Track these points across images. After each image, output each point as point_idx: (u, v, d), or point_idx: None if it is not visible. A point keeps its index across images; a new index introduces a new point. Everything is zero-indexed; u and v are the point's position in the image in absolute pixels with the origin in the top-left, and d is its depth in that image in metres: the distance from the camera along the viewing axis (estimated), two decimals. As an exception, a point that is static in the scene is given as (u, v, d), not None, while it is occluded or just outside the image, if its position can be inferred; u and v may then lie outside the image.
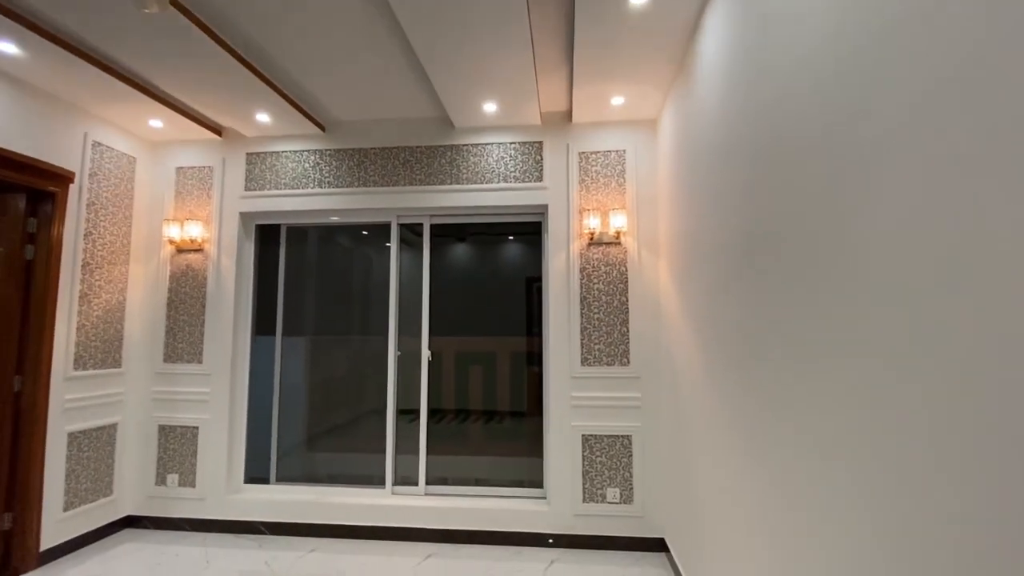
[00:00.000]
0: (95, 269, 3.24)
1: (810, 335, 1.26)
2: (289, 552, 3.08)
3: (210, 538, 3.28)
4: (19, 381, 2.87)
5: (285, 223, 3.75)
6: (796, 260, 1.33)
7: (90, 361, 3.20)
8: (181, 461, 3.45)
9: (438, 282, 3.71)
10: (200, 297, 3.55)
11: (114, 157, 3.38)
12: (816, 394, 1.23)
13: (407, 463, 3.48)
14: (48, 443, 2.92)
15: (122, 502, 3.40)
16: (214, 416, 3.44)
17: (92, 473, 3.20)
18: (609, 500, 3.14)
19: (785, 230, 1.40)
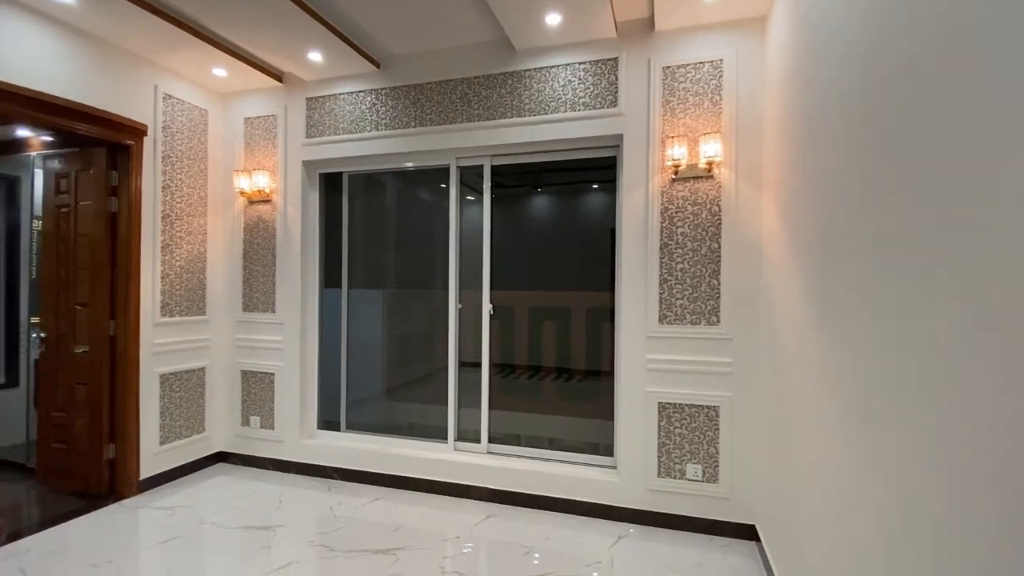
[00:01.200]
0: (175, 221, 3.37)
1: (1006, 280, 0.76)
2: (354, 499, 3.10)
3: (286, 479, 3.43)
4: (113, 326, 3.09)
5: (346, 170, 3.63)
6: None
7: (176, 309, 3.38)
8: (262, 404, 3.61)
9: (510, 233, 3.41)
10: (271, 248, 3.59)
11: (185, 110, 3.43)
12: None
13: (472, 417, 3.32)
14: (141, 383, 3.15)
15: (214, 439, 3.66)
16: (288, 364, 3.53)
17: (185, 412, 3.44)
18: (689, 477, 2.73)
19: (966, 112, 0.86)
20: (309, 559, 2.42)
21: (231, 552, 2.47)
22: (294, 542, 2.57)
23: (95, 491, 3.07)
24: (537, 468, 3.02)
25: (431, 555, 2.47)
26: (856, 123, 1.35)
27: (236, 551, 2.48)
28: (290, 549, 2.51)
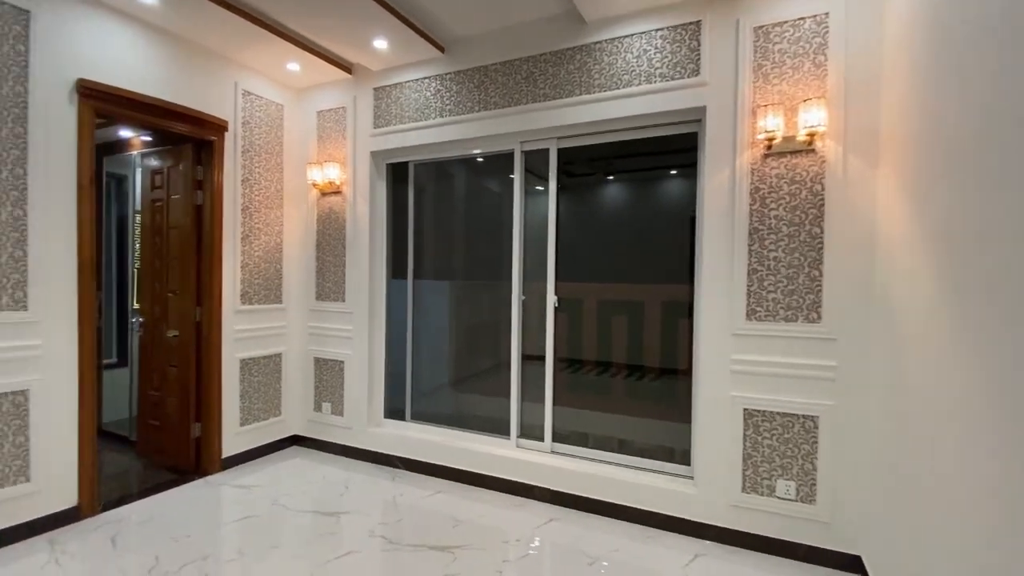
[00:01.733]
0: (253, 212, 3.51)
1: None
2: (416, 490, 3.08)
3: (353, 465, 3.48)
4: (198, 312, 3.28)
5: (411, 160, 3.59)
6: None
7: (255, 297, 3.53)
8: (332, 391, 3.70)
9: (577, 223, 3.22)
10: (341, 239, 3.65)
11: (263, 105, 3.56)
12: None
13: (535, 413, 3.17)
14: (224, 367, 3.32)
15: (290, 422, 3.81)
16: (356, 352, 3.58)
17: (263, 395, 3.61)
18: (779, 495, 2.40)
19: None
20: (369, 549, 2.40)
21: (298, 536, 2.51)
22: (356, 531, 2.58)
23: (183, 467, 3.29)
24: (604, 472, 2.82)
25: (490, 556, 2.36)
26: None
27: (303, 535, 2.52)
28: (352, 537, 2.50)
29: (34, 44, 2.40)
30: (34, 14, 2.39)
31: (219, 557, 2.30)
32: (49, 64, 2.46)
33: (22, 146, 2.38)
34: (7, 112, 2.33)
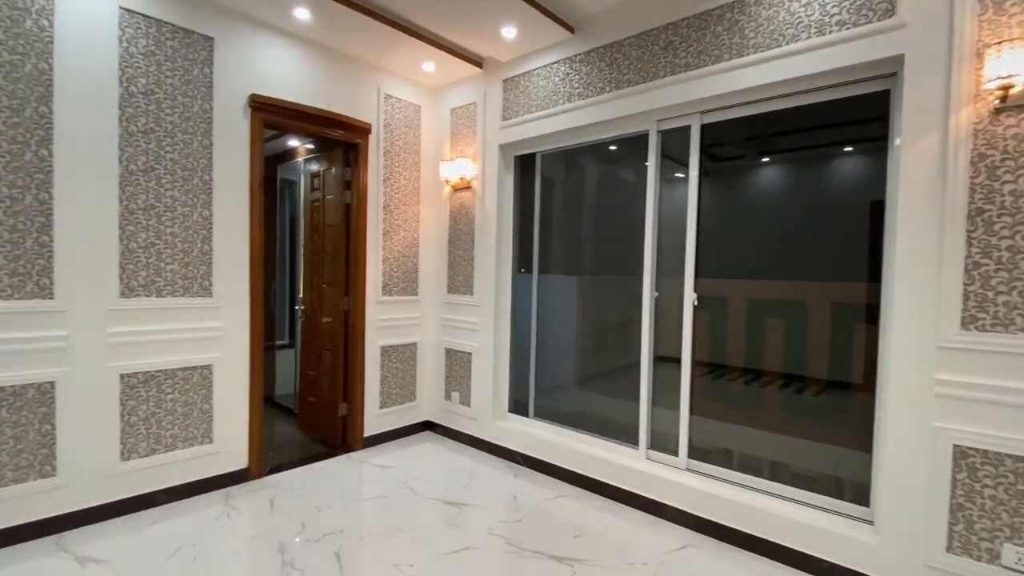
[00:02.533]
0: (393, 210, 3.73)
1: None
2: (537, 490, 2.98)
3: (479, 456, 3.51)
4: (346, 302, 3.58)
5: (538, 150, 3.48)
6: None
7: (394, 289, 3.75)
8: (461, 382, 3.78)
9: (723, 212, 2.84)
10: (470, 234, 3.70)
11: (402, 107, 3.75)
12: None
13: (668, 422, 2.86)
14: (367, 353, 3.58)
15: (423, 408, 4.00)
16: (482, 345, 3.60)
17: (400, 381, 3.83)
18: (1006, 564, 1.79)
19: None
20: (487, 547, 2.35)
21: (422, 522, 2.58)
22: (476, 525, 2.55)
23: (332, 442, 3.63)
24: (752, 501, 2.41)
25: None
26: None
27: (426, 522, 2.58)
28: (472, 532, 2.49)
29: (217, 67, 2.78)
30: (216, 40, 2.77)
31: (352, 533, 2.45)
32: (228, 83, 2.83)
33: (209, 155, 2.78)
34: (197, 127, 2.74)
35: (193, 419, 2.77)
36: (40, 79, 2.25)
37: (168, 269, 2.67)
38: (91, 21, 2.37)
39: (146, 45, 2.55)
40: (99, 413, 2.46)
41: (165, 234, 2.65)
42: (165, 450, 2.67)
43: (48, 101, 2.28)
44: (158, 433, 2.65)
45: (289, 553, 2.25)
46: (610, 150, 3.27)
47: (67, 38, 2.31)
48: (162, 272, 2.65)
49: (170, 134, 2.65)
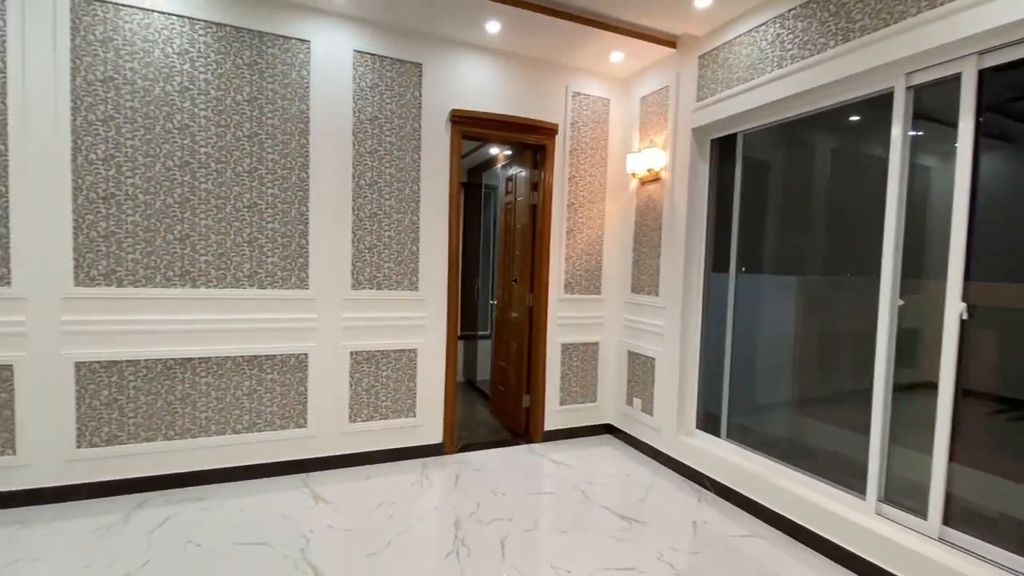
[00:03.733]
0: (578, 208, 3.71)
1: None
2: (725, 522, 2.60)
3: (660, 470, 3.25)
4: (530, 298, 3.71)
5: (740, 129, 3.02)
6: None
7: (576, 287, 3.74)
8: (643, 388, 3.56)
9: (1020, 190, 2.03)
10: (657, 229, 3.44)
11: (590, 103, 3.69)
12: None
13: (914, 466, 2.17)
14: (548, 349, 3.65)
15: (604, 411, 3.89)
16: (667, 351, 3.32)
17: (580, 380, 3.80)
18: None
19: None
20: (653, 575, 2.14)
21: (589, 529, 2.50)
22: (647, 547, 2.35)
23: (516, 431, 3.81)
24: (1057, 610, 1.64)
25: (808, 655, 1.73)
26: None
27: (593, 529, 2.49)
28: (640, 552, 2.30)
29: (425, 88, 3.17)
30: (424, 65, 3.16)
31: (519, 523, 2.52)
32: (433, 102, 3.20)
33: (417, 168, 3.20)
34: (408, 144, 3.16)
35: (401, 394, 3.23)
36: (301, 117, 2.91)
37: (385, 266, 3.16)
38: (336, 64, 2.95)
39: (372, 79, 3.06)
40: (336, 382, 3.06)
41: (384, 237, 3.15)
42: (380, 418, 3.19)
43: (307, 135, 2.92)
44: (375, 403, 3.17)
45: (462, 530, 2.43)
46: (834, 120, 2.63)
47: (317, 83, 2.92)
48: (381, 269, 3.15)
49: (388, 152, 3.13)
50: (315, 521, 2.46)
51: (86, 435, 2.58)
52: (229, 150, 2.77)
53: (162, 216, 2.66)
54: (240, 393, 2.86)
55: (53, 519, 2.37)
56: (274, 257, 2.89)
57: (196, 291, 2.74)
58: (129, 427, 2.65)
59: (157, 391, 2.69)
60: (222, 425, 2.83)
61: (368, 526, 2.43)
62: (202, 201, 2.73)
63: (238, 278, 2.83)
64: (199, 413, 2.78)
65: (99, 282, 2.57)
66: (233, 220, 2.80)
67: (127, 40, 2.55)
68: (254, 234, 2.85)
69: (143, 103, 2.60)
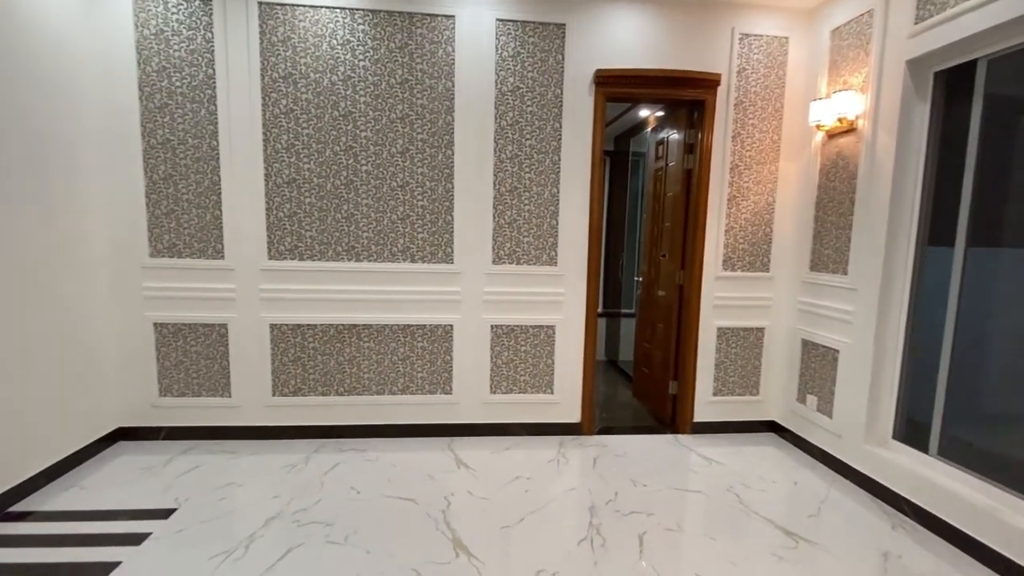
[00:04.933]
0: (743, 171, 3.21)
1: None
2: (928, 561, 2.06)
3: (837, 483, 2.72)
4: (680, 275, 3.35)
5: (984, 55, 2.25)
6: None
7: (738, 263, 3.27)
8: (820, 384, 3.00)
9: None
10: (849, 192, 2.81)
11: (762, 45, 3.13)
12: None
13: None
14: (700, 332, 3.28)
15: (768, 405, 3.40)
16: (856, 342, 2.73)
17: (739, 369, 3.36)
18: None
19: None
20: (825, 610, 1.79)
21: (742, 539, 2.19)
22: (818, 574, 1.98)
23: (661, 417, 3.54)
24: None
25: None
26: None
27: (748, 542, 2.17)
28: (806, 579, 1.94)
29: (568, 51, 2.99)
30: (568, 25, 2.96)
31: (660, 520, 2.31)
32: (576, 65, 3.00)
33: (558, 138, 3.05)
34: (549, 113, 3.03)
35: (539, 370, 3.21)
36: (447, 95, 2.96)
37: (524, 241, 3.12)
38: (478, 36, 2.92)
39: (513, 48, 2.97)
40: (477, 353, 3.15)
41: (523, 211, 3.09)
42: (519, 391, 3.21)
43: (452, 112, 2.97)
44: (514, 376, 3.19)
45: (598, 517, 2.32)
46: None
47: (462, 59, 2.93)
48: (520, 243, 3.12)
49: (529, 123, 3.04)
50: (456, 485, 2.57)
51: (279, 386, 3.05)
52: (384, 132, 2.95)
53: (331, 197, 2.96)
54: (396, 358, 3.11)
55: (253, 453, 2.87)
56: (423, 233, 3.04)
57: (359, 264, 3.02)
58: (309, 382, 3.06)
59: (330, 352, 3.06)
60: (381, 386, 3.12)
61: (504, 498, 2.46)
62: (363, 182, 2.97)
63: (393, 253, 3.04)
64: (363, 374, 3.09)
65: (286, 256, 2.97)
66: (388, 199, 3.00)
67: (301, 37, 2.84)
68: (406, 212, 3.01)
69: (315, 94, 2.88)
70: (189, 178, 2.86)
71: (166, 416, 2.99)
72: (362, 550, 2.02)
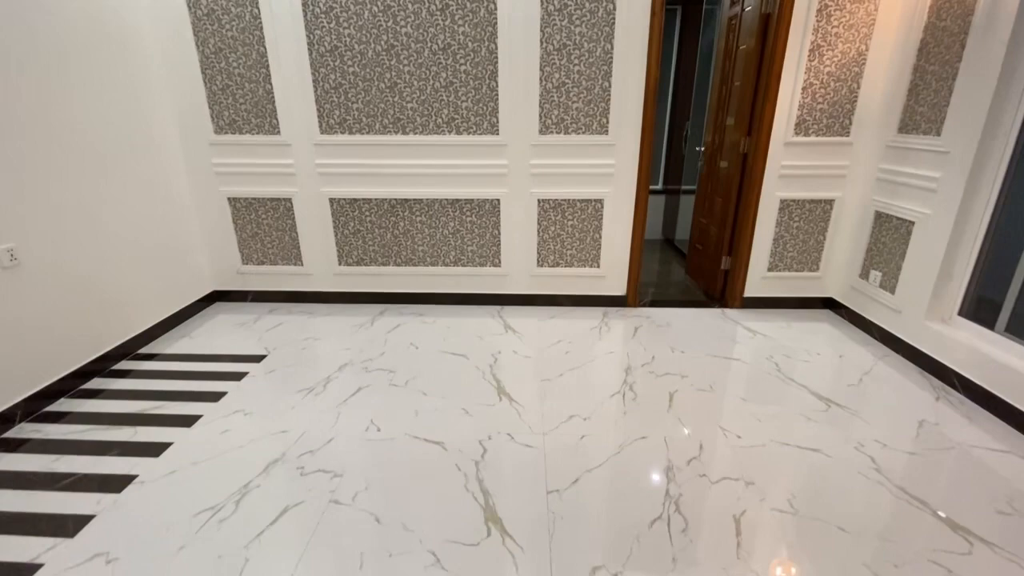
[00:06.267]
0: (833, 13, 2.74)
1: None
2: (969, 431, 2.06)
3: (888, 357, 2.68)
4: (745, 143, 3.09)
5: None
6: None
7: (813, 127, 2.95)
8: (888, 259, 2.82)
9: None
10: (960, 34, 2.35)
11: None
12: None
13: None
14: (761, 204, 3.10)
15: (827, 282, 3.27)
16: (937, 212, 2.48)
17: (799, 244, 3.19)
18: None
19: None
20: (845, 462, 1.88)
21: (772, 400, 2.27)
22: (842, 435, 2.04)
23: (711, 293, 3.53)
24: None
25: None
26: None
27: (778, 403, 2.26)
28: (831, 438, 2.02)
29: None
30: None
31: (692, 381, 2.43)
32: None
33: (612, -17, 2.71)
34: (603, -49, 2.66)
35: (586, 244, 3.23)
36: None
37: (573, 107, 2.95)
38: None
39: None
40: (525, 227, 3.19)
41: (572, 73, 2.88)
42: (565, 265, 3.28)
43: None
44: (560, 250, 3.25)
45: (632, 376, 2.48)
46: None
47: None
48: (569, 110, 2.96)
49: (581, -34, 2.70)
50: (503, 345, 2.80)
51: (343, 256, 3.30)
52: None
53: (374, 65, 2.89)
54: (447, 232, 3.23)
55: (327, 315, 3.22)
56: (467, 102, 2.95)
57: (407, 137, 3.03)
58: (370, 253, 3.29)
59: (386, 226, 3.22)
60: (435, 258, 3.30)
61: (546, 357, 2.67)
62: (404, 47, 2.86)
63: (438, 124, 3.00)
64: (417, 246, 3.27)
65: (336, 130, 3.03)
66: (431, 64, 2.89)
67: None
68: (449, 78, 2.91)
69: (348, -53, 2.69)
70: (237, 51, 2.88)
71: (250, 281, 3.38)
72: (419, 392, 2.33)
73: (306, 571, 1.39)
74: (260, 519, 1.58)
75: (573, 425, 2.08)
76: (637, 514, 1.60)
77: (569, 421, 2.10)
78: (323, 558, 1.44)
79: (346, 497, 1.67)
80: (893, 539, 1.52)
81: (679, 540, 1.50)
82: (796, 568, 1.42)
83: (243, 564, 1.42)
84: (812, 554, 1.46)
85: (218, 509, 1.62)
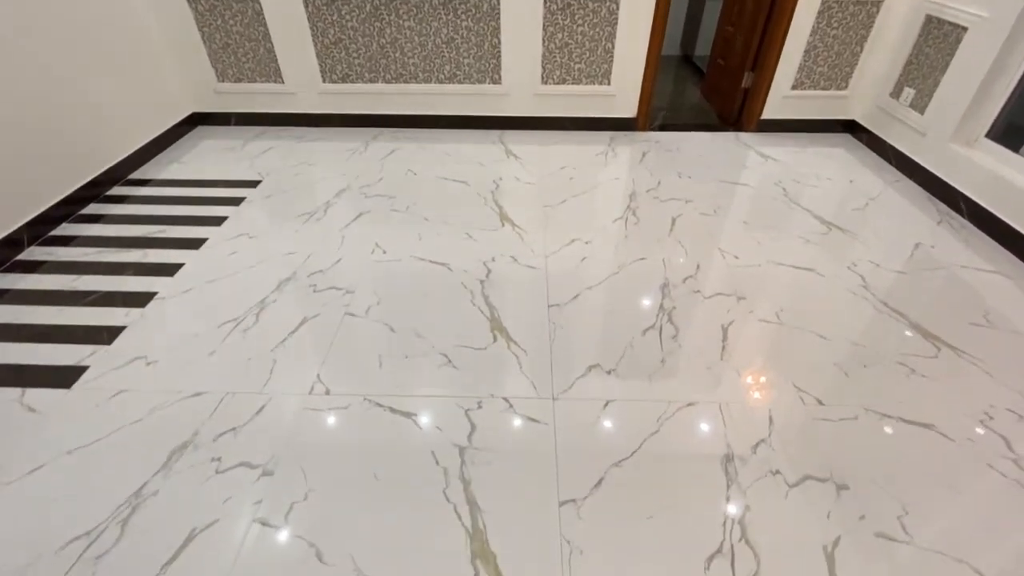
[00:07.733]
0: None
1: None
2: (962, 253, 2.11)
3: (900, 183, 2.62)
4: (794, -78, 2.57)
5: None
6: None
7: (880, -101, 2.42)
8: (926, 75, 2.57)
9: None
10: None
11: None
12: None
13: None
14: (797, 11, 2.71)
15: (852, 103, 3.04)
16: (995, 15, 2.17)
17: (832, 57, 2.88)
18: None
19: None
20: (835, 280, 1.95)
21: (774, 225, 2.28)
22: (839, 256, 2.09)
23: (725, 116, 3.30)
24: None
25: None
26: None
27: (780, 227, 2.26)
28: (827, 259, 2.06)
29: None
30: None
31: (696, 206, 2.41)
32: None
33: None
34: None
35: (597, 56, 2.91)
36: None
37: None
38: None
39: None
40: (528, 33, 2.83)
41: None
42: (572, 82, 3.00)
43: None
44: (568, 64, 2.94)
45: (636, 201, 2.45)
46: None
47: None
48: None
49: None
50: (505, 171, 2.71)
51: (326, 71, 2.99)
52: None
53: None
54: (440, 41, 2.87)
55: (317, 139, 3.05)
56: None
57: None
58: (355, 67, 2.97)
59: (370, 33, 2.85)
60: (428, 73, 2.99)
61: (549, 184, 2.60)
62: (403, 1, 2.24)
63: None
64: (407, 59, 2.94)
65: None
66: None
67: None
68: None
69: None
70: None
71: (231, 102, 3.12)
72: (421, 217, 2.32)
73: (330, 370, 1.54)
74: (281, 328, 1.69)
75: (575, 248, 2.11)
76: (632, 324, 1.72)
77: (571, 244, 2.13)
78: (345, 358, 1.58)
79: (359, 310, 1.77)
80: (866, 344, 1.65)
81: (669, 344, 1.64)
82: (772, 365, 1.57)
83: (272, 364, 1.56)
84: (789, 355, 1.60)
85: (240, 320, 1.72)
